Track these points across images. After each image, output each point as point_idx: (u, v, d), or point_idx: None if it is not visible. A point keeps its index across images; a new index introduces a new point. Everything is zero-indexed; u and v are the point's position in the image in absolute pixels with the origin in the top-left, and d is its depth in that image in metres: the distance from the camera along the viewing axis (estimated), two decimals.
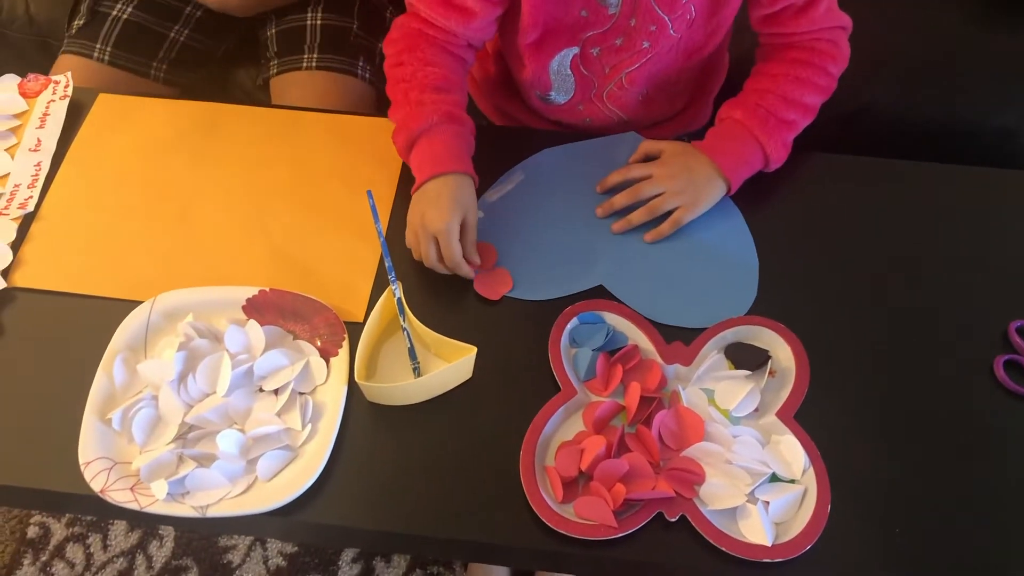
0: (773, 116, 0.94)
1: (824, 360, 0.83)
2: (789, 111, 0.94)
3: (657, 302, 0.87)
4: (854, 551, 0.74)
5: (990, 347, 0.85)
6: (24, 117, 1.01)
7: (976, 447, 0.80)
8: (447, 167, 0.87)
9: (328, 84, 1.20)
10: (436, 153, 0.88)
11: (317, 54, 1.20)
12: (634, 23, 0.92)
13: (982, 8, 1.32)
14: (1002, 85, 1.28)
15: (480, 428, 0.80)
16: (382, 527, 0.76)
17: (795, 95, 0.94)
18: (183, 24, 1.25)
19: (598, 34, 0.94)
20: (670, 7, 0.91)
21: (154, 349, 0.83)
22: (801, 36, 0.95)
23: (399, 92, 0.92)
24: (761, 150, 0.94)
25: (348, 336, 0.83)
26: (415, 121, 0.89)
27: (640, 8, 0.91)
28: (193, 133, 1.00)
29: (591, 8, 0.91)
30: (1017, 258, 0.92)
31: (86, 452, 0.76)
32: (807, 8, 0.92)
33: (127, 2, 1.23)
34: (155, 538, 1.33)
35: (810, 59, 0.95)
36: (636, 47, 0.95)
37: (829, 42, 0.96)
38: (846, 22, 0.97)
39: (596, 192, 0.96)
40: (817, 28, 0.95)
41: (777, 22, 0.95)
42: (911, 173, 0.99)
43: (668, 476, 0.76)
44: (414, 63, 0.92)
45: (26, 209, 0.93)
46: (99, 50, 1.21)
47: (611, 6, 0.91)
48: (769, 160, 0.94)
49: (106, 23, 1.22)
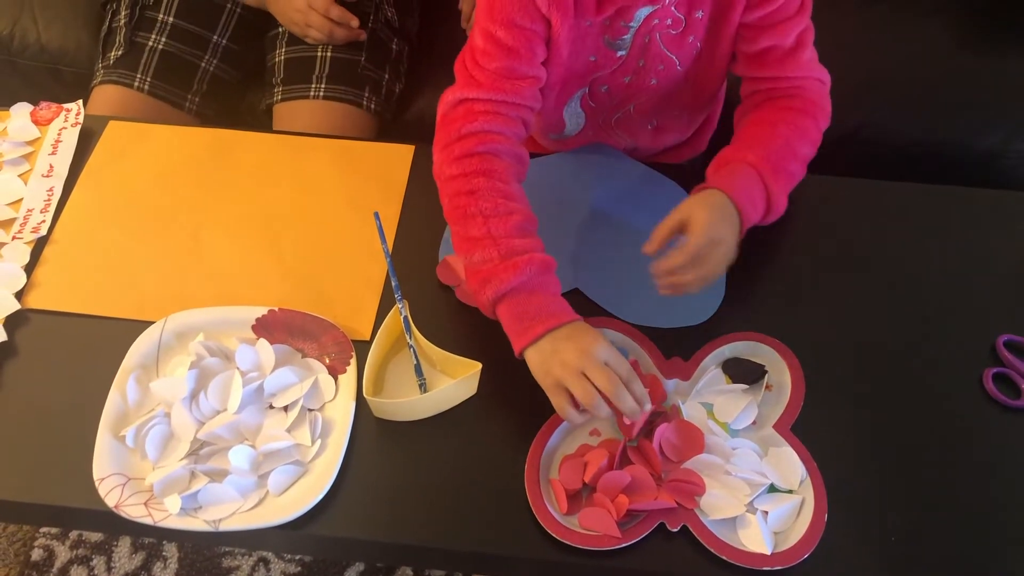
0: (782, 164, 0.90)
1: (819, 374, 0.85)
2: (792, 163, 0.91)
3: (628, 304, 0.90)
4: (851, 558, 0.76)
5: (979, 361, 0.88)
6: (37, 144, 1.03)
7: (967, 457, 0.82)
8: (565, 319, 0.79)
9: (333, 113, 1.23)
10: (552, 311, 0.80)
11: (325, 84, 1.23)
12: (643, 64, 0.94)
13: (969, 33, 1.36)
14: (988, 109, 1.31)
15: (485, 442, 0.82)
16: (391, 539, 0.78)
17: (795, 145, 0.91)
18: (211, 54, 1.29)
19: (607, 74, 0.95)
20: (678, 47, 0.92)
21: (166, 368, 0.85)
22: (790, 81, 0.93)
23: (476, 227, 0.83)
24: (767, 198, 0.88)
25: (355, 354, 0.85)
26: (506, 273, 0.80)
27: (650, 51, 0.92)
28: (202, 158, 1.03)
29: (600, 53, 0.92)
30: (1003, 275, 0.95)
31: (100, 468, 0.78)
32: (794, 51, 0.91)
33: (160, 32, 1.26)
34: (159, 559, 1.34)
35: (805, 108, 0.92)
36: (644, 84, 0.96)
37: (819, 94, 0.94)
38: (826, 77, 0.95)
39: (576, 201, 0.98)
40: (803, 75, 0.93)
41: (764, 64, 0.93)
42: (901, 193, 1.02)
43: (669, 487, 0.78)
44: (493, 195, 0.83)
45: (39, 233, 0.95)
46: (139, 79, 1.24)
47: (619, 49, 0.92)
48: (771, 210, 0.89)
49: (144, 53, 1.25)
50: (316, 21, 1.21)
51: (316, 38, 1.24)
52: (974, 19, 1.38)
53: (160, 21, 1.27)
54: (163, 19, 1.27)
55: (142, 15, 1.27)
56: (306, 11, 1.21)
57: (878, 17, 1.38)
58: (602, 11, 0.87)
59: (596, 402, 0.75)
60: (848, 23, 1.37)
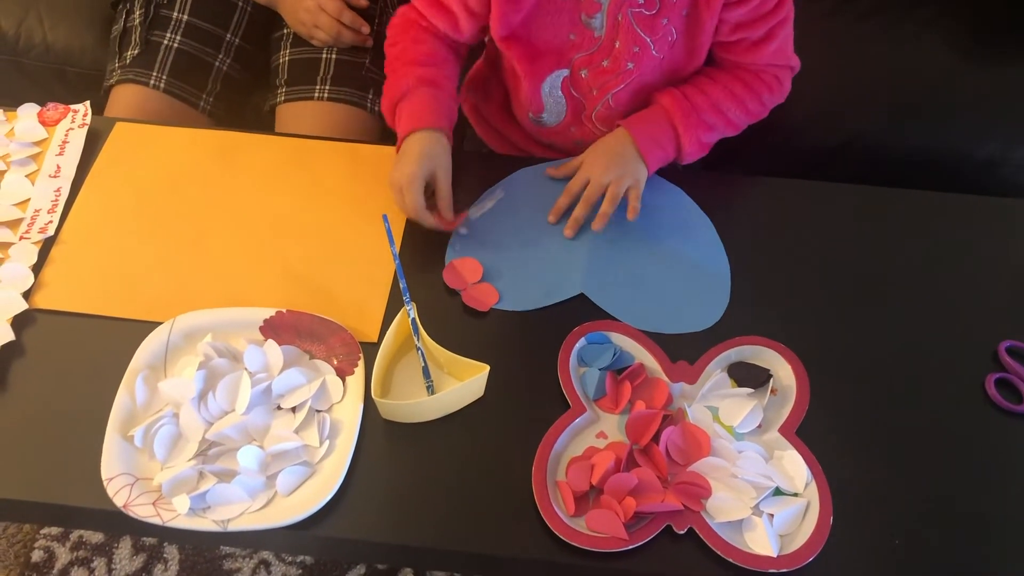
0: (696, 113, 1.00)
1: (823, 379, 0.86)
2: (712, 114, 1.00)
3: (634, 311, 0.91)
4: (855, 561, 0.77)
5: (982, 366, 0.89)
6: (44, 145, 1.03)
7: (969, 461, 0.83)
8: (420, 124, 0.95)
9: (336, 114, 1.23)
10: (412, 112, 0.96)
11: (330, 85, 1.24)
12: (618, 45, 0.98)
13: (967, 43, 1.37)
14: (986, 118, 1.32)
15: (492, 444, 0.82)
16: (398, 540, 0.78)
17: (723, 105, 1.01)
18: (225, 53, 1.29)
19: (585, 56, 1.00)
20: (651, 29, 0.96)
21: (174, 368, 0.85)
22: (748, 65, 1.02)
23: (388, 68, 1.01)
24: (676, 139, 1.00)
25: (363, 356, 0.86)
26: (396, 88, 0.98)
27: (622, 30, 0.96)
28: (210, 160, 1.03)
29: (578, 31, 0.97)
30: (1005, 282, 0.96)
31: (109, 468, 0.78)
32: (760, 44, 0.99)
33: (175, 30, 1.27)
34: (159, 561, 1.34)
35: (750, 82, 1.02)
36: (621, 68, 1.00)
37: (774, 77, 1.03)
38: (795, 63, 1.03)
39: None
40: (765, 63, 1.01)
41: (730, 51, 1.01)
42: (905, 200, 1.03)
43: (676, 490, 0.78)
44: (404, 42, 1.01)
45: (46, 233, 0.95)
46: (155, 77, 1.24)
47: (596, 29, 0.97)
48: (682, 151, 1.00)
49: (160, 51, 1.26)
50: (324, 22, 1.22)
51: (322, 40, 1.24)
52: (972, 29, 1.40)
53: (175, 19, 1.27)
54: (178, 17, 1.27)
55: (157, 13, 1.27)
56: (316, 12, 1.21)
57: (877, 27, 1.40)
58: None
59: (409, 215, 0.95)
60: (847, 33, 1.39)
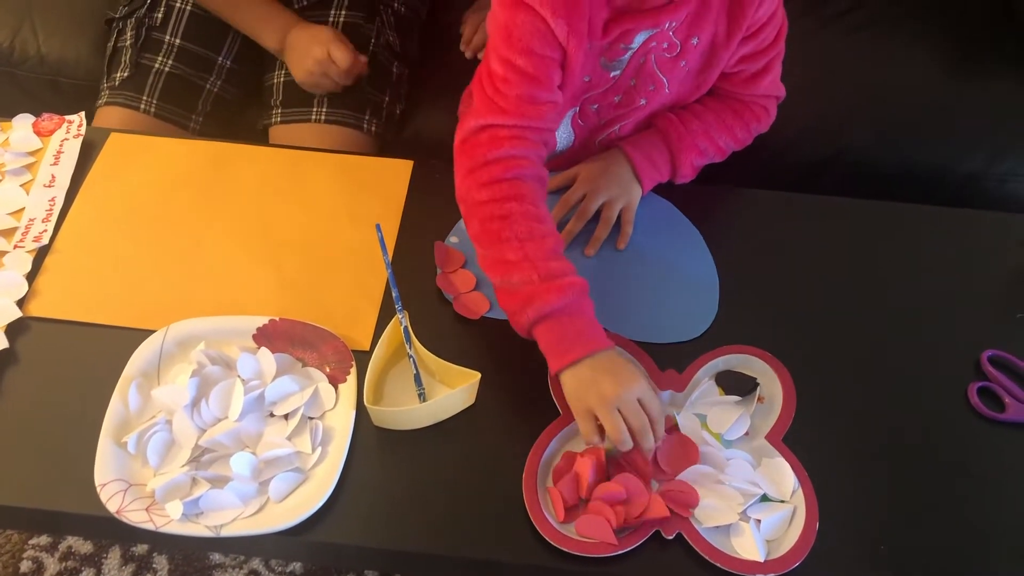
0: (691, 137, 1.01)
1: (809, 387, 0.87)
2: (704, 140, 1.02)
3: (625, 320, 0.92)
4: (841, 566, 0.78)
5: (964, 375, 0.91)
6: (38, 155, 1.04)
7: (953, 468, 0.85)
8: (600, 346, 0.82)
9: (333, 135, 1.23)
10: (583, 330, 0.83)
11: (327, 108, 1.24)
12: (634, 83, 0.97)
13: (952, 59, 1.40)
14: (970, 133, 1.34)
15: (483, 451, 0.83)
16: (390, 546, 0.79)
17: (714, 132, 1.02)
18: (216, 75, 1.29)
19: (598, 94, 0.98)
20: (670, 70, 0.96)
21: (167, 376, 0.86)
22: (742, 96, 1.03)
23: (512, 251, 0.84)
24: (672, 162, 1.01)
25: (355, 363, 0.87)
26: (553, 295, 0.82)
27: (643, 72, 0.95)
28: (203, 170, 1.04)
29: (594, 74, 0.95)
30: (987, 293, 0.98)
31: (102, 474, 0.78)
32: (757, 76, 1.00)
33: (167, 54, 1.26)
34: (149, 572, 1.34)
35: (741, 112, 1.03)
36: (634, 104, 1.00)
37: (763, 108, 1.04)
38: (782, 93, 1.05)
39: None
40: (760, 95, 1.03)
41: (727, 81, 1.01)
42: (889, 212, 1.05)
43: (664, 498, 0.79)
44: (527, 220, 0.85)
45: (41, 242, 0.96)
46: (145, 102, 1.24)
47: (613, 71, 0.95)
48: (676, 174, 1.02)
49: (150, 75, 1.25)
50: (334, 73, 1.20)
51: (327, 89, 1.23)
52: (957, 45, 1.42)
53: (167, 43, 1.26)
54: (170, 41, 1.26)
55: (148, 36, 1.26)
56: (326, 63, 1.19)
57: (862, 43, 1.42)
58: (608, 35, 0.89)
59: (623, 439, 0.78)
60: (833, 49, 1.40)
